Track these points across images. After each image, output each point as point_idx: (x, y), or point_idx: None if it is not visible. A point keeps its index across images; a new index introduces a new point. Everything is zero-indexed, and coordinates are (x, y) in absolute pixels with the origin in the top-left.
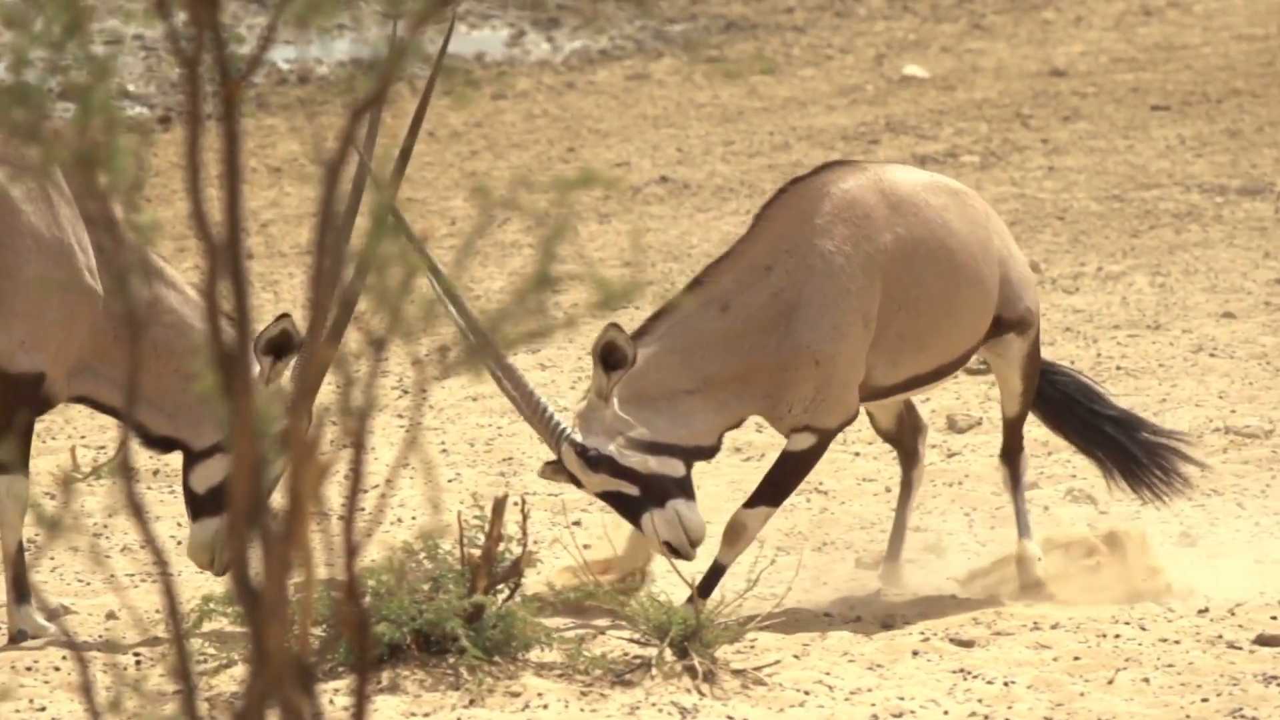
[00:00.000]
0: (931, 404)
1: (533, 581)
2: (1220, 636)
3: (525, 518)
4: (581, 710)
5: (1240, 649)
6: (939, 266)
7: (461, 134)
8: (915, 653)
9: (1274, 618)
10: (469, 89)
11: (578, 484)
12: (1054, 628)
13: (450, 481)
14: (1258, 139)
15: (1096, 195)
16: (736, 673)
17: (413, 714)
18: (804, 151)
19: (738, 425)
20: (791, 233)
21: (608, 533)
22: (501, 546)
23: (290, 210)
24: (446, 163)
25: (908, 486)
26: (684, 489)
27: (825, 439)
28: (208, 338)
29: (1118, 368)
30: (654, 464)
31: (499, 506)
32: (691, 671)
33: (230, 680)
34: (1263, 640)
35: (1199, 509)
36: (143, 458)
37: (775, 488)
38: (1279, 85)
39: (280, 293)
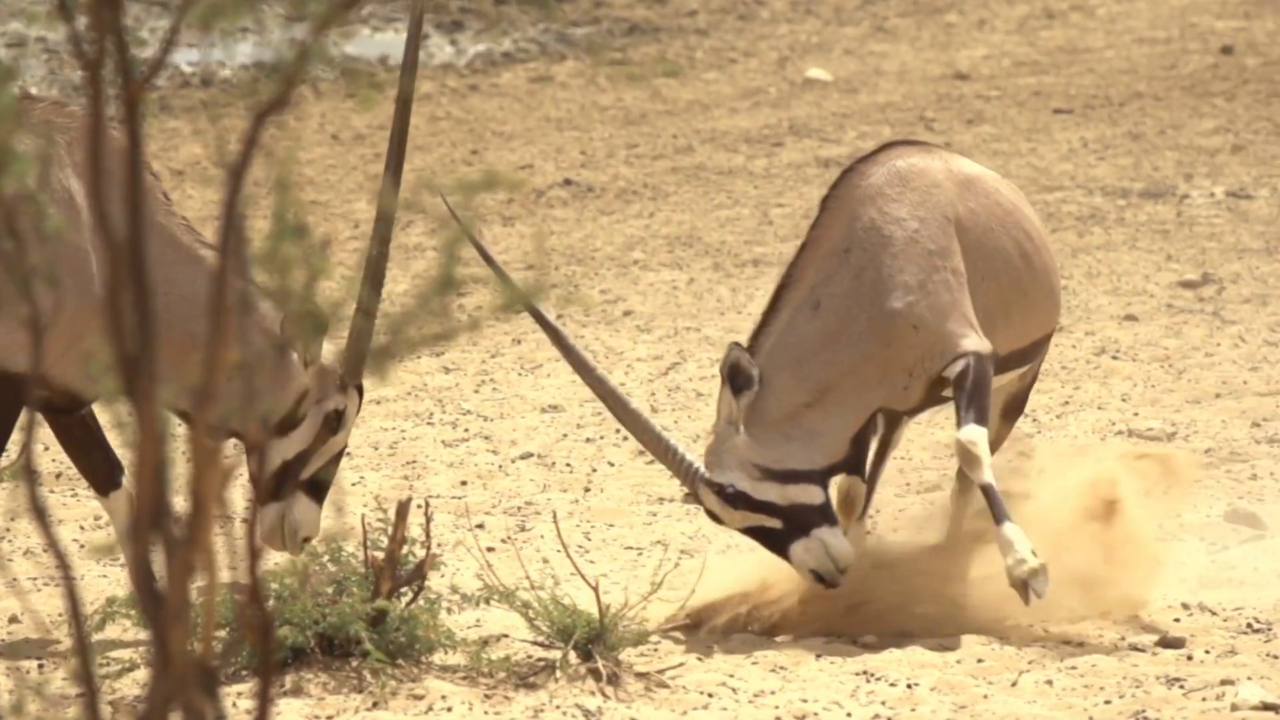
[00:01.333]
0: None
1: (436, 584)
2: (1123, 639)
3: (429, 521)
4: (485, 713)
5: (1143, 651)
6: (1013, 246)
7: (365, 136)
8: (818, 655)
9: (1177, 620)
10: (372, 91)
11: (718, 520)
12: (957, 629)
13: (354, 485)
14: (1160, 142)
15: None
16: (640, 675)
17: (316, 717)
18: (707, 154)
19: (864, 426)
20: (862, 210)
21: (511, 537)
22: (405, 549)
23: (193, 213)
24: (350, 165)
25: (884, 448)
26: (826, 515)
27: (978, 359)
28: (110, 337)
29: None
30: (792, 493)
31: (402, 509)
32: (595, 674)
33: (133, 683)
34: (1165, 643)
35: None
36: (45, 461)
37: (973, 404)
38: (1181, 88)
39: None
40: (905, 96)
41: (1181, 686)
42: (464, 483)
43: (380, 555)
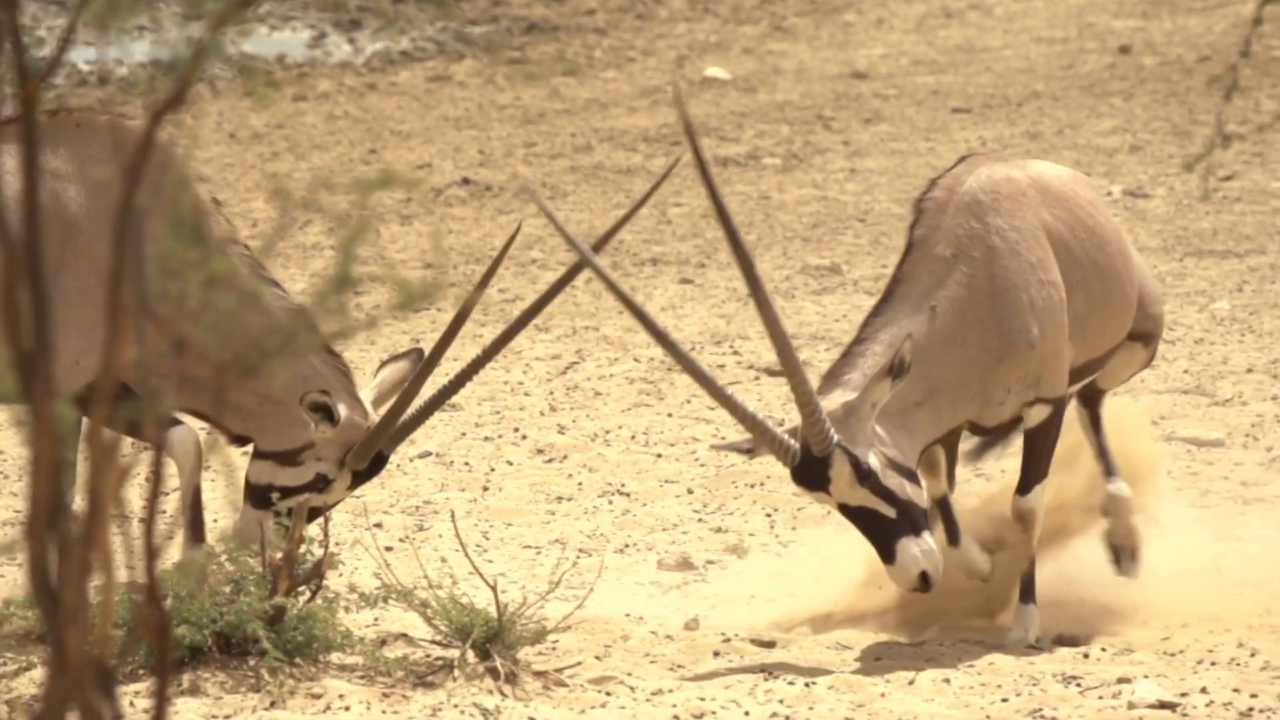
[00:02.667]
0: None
1: (334, 583)
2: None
3: (326, 520)
4: (383, 712)
5: (1039, 649)
6: (1092, 253)
7: (263, 135)
8: (717, 653)
9: (1074, 617)
10: (270, 90)
11: (811, 488)
12: (855, 628)
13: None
14: (1057, 141)
15: (898, 197)
16: (538, 674)
17: (213, 716)
18: (606, 153)
19: (940, 441)
20: (963, 218)
21: (409, 536)
22: (303, 549)
23: None
24: (248, 164)
25: (1096, 419)
26: (928, 521)
27: (1059, 406)
28: (6, 339)
29: None
30: (910, 489)
31: (300, 509)
32: (493, 673)
33: (30, 683)
34: (1062, 640)
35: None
36: None
37: (1038, 464)
38: (1078, 88)
39: None
40: (804, 95)
41: (1079, 684)
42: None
43: (278, 554)
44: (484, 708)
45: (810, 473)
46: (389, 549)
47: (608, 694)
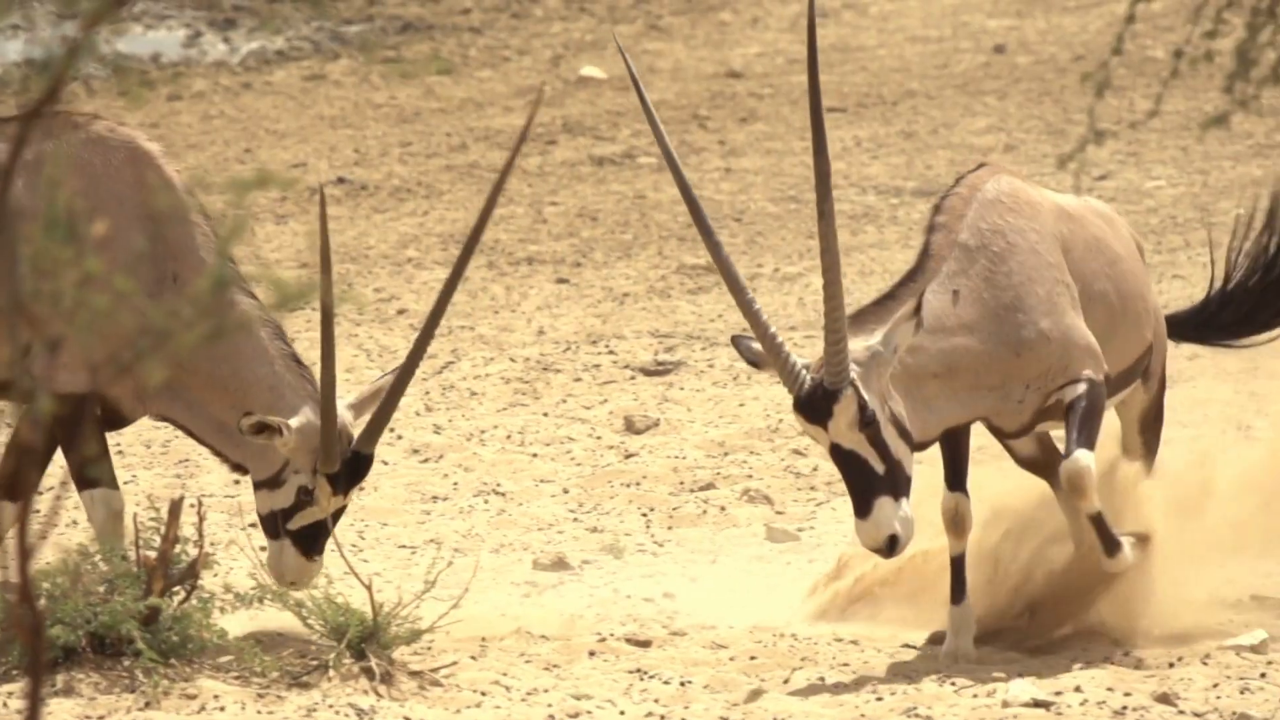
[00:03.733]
0: (609, 405)
1: (209, 583)
2: (895, 635)
3: (201, 520)
4: (258, 712)
5: (914, 647)
6: (1107, 269)
7: None
8: (592, 653)
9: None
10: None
11: (811, 419)
12: (730, 627)
13: (126, 484)
14: (932, 140)
15: (773, 196)
16: (414, 674)
17: (87, 716)
18: (481, 153)
19: (959, 427)
20: (986, 212)
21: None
22: (177, 549)
23: None
24: None
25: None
26: (909, 490)
27: (1093, 383)
28: None
29: None
30: (903, 450)
31: (175, 508)
32: (369, 673)
33: None
34: (936, 639)
35: None
36: None
37: (1084, 430)
38: (953, 87)
39: None
40: (679, 94)
41: (953, 683)
42: (237, 481)
43: (153, 554)
44: (359, 708)
45: (815, 404)
46: (264, 549)
47: (483, 694)
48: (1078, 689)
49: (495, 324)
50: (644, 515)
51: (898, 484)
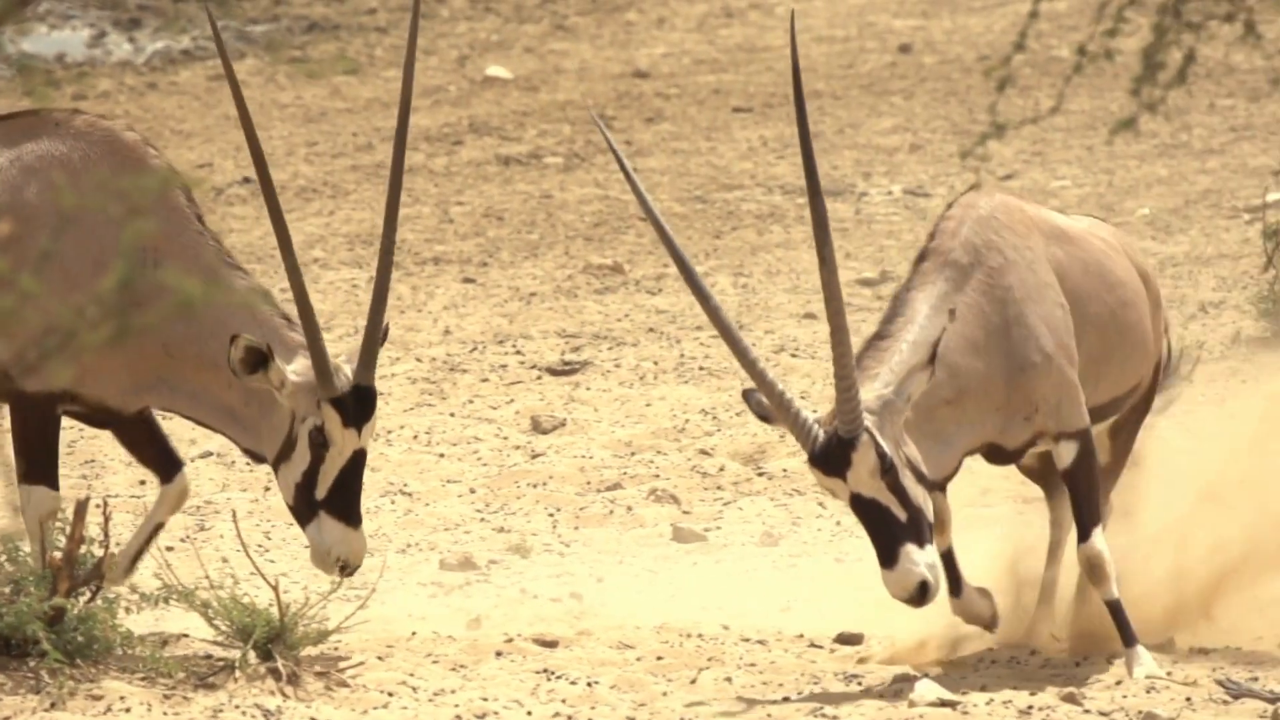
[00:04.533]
0: (516, 405)
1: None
2: (801, 635)
3: (107, 520)
4: (164, 714)
5: (821, 647)
6: (1105, 294)
7: None
8: (499, 653)
9: (855, 616)
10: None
11: (828, 472)
12: (637, 628)
13: None
14: (838, 140)
15: (679, 196)
16: (320, 674)
17: None
18: (387, 152)
19: (974, 452)
20: (981, 230)
21: (191, 536)
22: (83, 549)
23: None
24: None
25: (1057, 531)
26: (932, 536)
27: (1087, 440)
28: None
29: (700, 368)
30: (921, 498)
31: (80, 509)
32: (275, 674)
33: None
34: (843, 639)
35: (781, 509)
36: None
37: (1089, 506)
38: (859, 87)
39: None
40: (585, 94)
41: (859, 683)
42: (143, 482)
43: (58, 555)
44: (265, 709)
45: (832, 455)
46: (170, 549)
47: (390, 694)
48: (984, 688)
49: (401, 324)
50: (551, 515)
51: (921, 530)
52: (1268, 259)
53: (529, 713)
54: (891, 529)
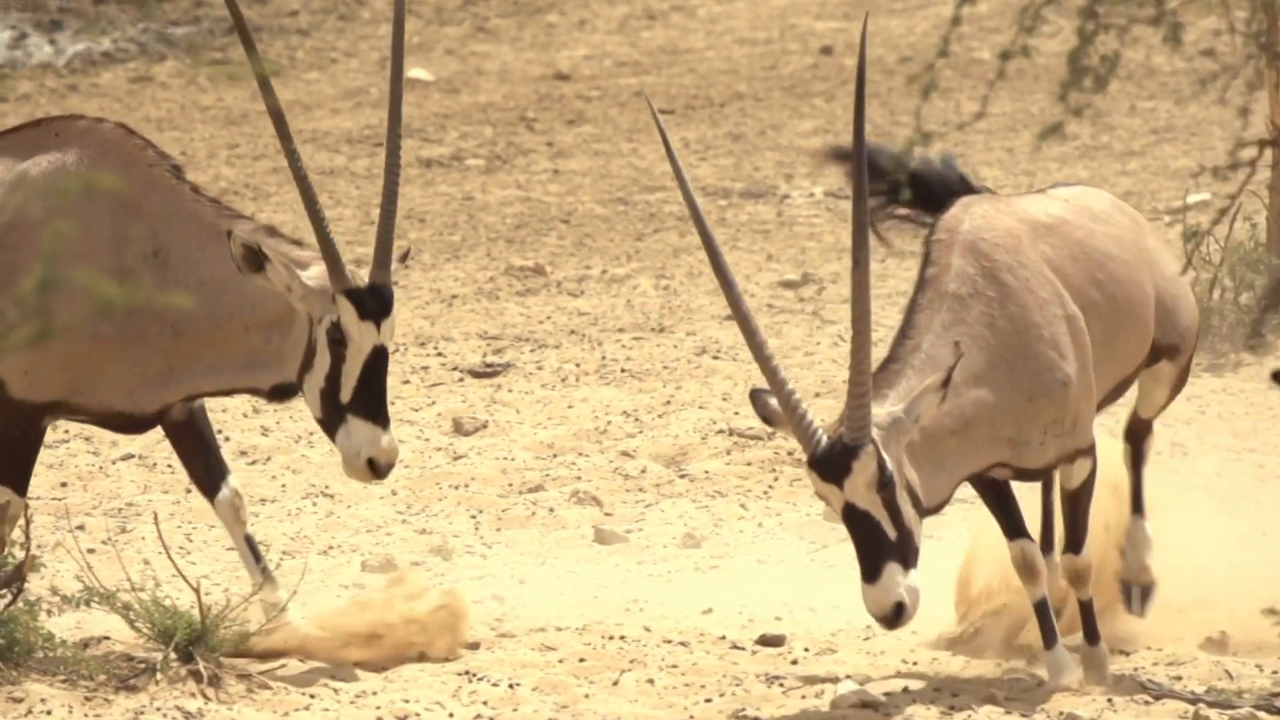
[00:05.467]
0: (438, 407)
1: (36, 586)
2: (724, 637)
3: (28, 522)
4: (85, 715)
5: (743, 649)
6: (1098, 274)
7: None
8: (420, 655)
9: (777, 618)
10: None
11: (826, 477)
12: (559, 629)
13: None
14: (760, 142)
15: (601, 198)
16: (242, 676)
17: None
18: (309, 155)
19: (973, 478)
20: (972, 258)
21: (112, 538)
22: (4, 551)
23: None
24: None
25: (1139, 458)
26: (917, 561)
27: (1094, 456)
28: None
29: (623, 370)
30: (913, 521)
31: (0, 511)
32: (196, 676)
33: None
34: (765, 641)
35: (703, 510)
36: None
37: (1083, 521)
38: (781, 89)
39: None
40: (507, 96)
41: (781, 684)
42: (64, 484)
43: None
44: (187, 711)
45: (833, 460)
46: (91, 551)
47: (311, 696)
48: (906, 690)
49: None
50: (472, 517)
51: (907, 553)
52: (1187, 260)
53: (450, 714)
54: (880, 545)
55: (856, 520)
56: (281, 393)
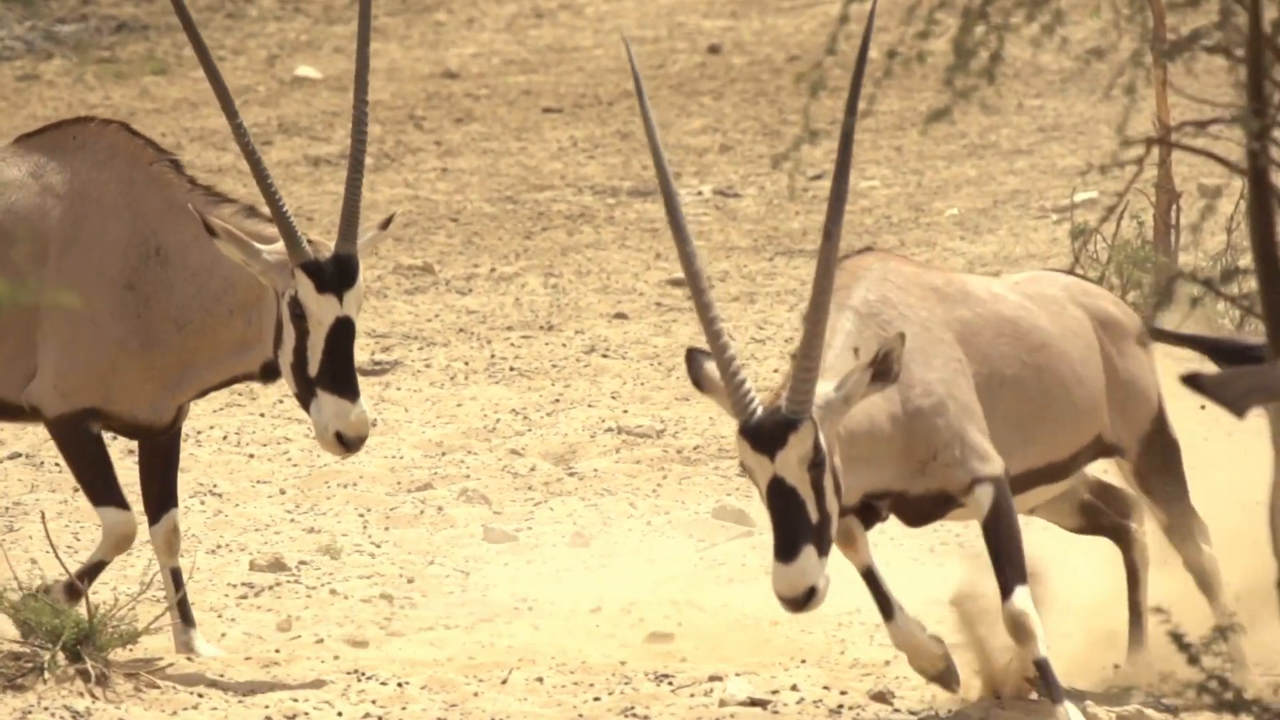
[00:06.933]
0: None
1: None
2: (613, 635)
3: None
4: None
5: (632, 647)
6: (1024, 355)
7: None
8: (309, 655)
9: (666, 616)
10: None
11: (758, 447)
12: (448, 628)
13: None
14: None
15: (490, 197)
16: (130, 675)
17: None
18: (196, 153)
19: (873, 495)
20: (877, 288)
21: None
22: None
23: None
24: None
25: (1133, 572)
26: (829, 551)
27: (1000, 486)
28: None
29: (511, 368)
30: (834, 508)
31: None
32: (84, 675)
33: None
34: (654, 638)
35: (592, 509)
36: None
37: (1012, 562)
38: (669, 87)
39: None
40: (395, 95)
41: (670, 683)
42: None
43: None
44: (75, 710)
45: (769, 431)
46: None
47: (200, 695)
48: (794, 687)
49: None
50: (361, 516)
51: (825, 538)
52: (1075, 258)
53: (339, 713)
54: (800, 525)
55: (782, 496)
56: (270, 372)
